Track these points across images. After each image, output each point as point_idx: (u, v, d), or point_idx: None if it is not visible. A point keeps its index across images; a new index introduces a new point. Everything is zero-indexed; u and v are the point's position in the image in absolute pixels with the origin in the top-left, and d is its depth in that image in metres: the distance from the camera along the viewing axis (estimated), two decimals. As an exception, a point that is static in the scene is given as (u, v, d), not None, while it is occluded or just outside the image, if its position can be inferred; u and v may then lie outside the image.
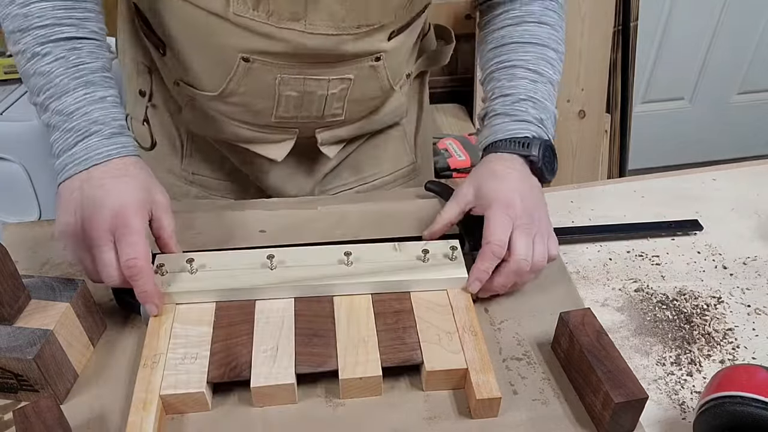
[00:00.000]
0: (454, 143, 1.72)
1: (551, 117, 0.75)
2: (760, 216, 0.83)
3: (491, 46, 0.79)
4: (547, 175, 0.73)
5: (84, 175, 0.62)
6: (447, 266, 0.67)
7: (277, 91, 0.76)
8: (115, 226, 0.59)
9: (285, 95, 0.77)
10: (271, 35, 0.70)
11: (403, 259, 0.67)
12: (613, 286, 0.73)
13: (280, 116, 0.80)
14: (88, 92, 0.63)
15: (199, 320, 0.63)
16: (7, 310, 0.57)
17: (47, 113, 0.63)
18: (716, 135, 2.47)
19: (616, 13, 1.81)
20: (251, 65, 0.73)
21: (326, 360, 0.59)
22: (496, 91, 0.76)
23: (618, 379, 0.55)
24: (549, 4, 0.79)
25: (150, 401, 0.55)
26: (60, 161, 0.63)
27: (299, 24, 0.70)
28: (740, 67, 2.31)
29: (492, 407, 0.57)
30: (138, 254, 0.59)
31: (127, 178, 0.62)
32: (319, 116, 0.81)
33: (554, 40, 0.78)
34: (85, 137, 0.62)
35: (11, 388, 0.58)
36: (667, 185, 0.89)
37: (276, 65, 0.74)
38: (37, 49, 0.62)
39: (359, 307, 0.64)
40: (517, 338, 0.65)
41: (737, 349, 0.65)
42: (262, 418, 0.58)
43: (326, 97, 0.79)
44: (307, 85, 0.76)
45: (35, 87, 0.63)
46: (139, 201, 0.61)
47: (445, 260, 0.67)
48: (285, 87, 0.76)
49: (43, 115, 0.64)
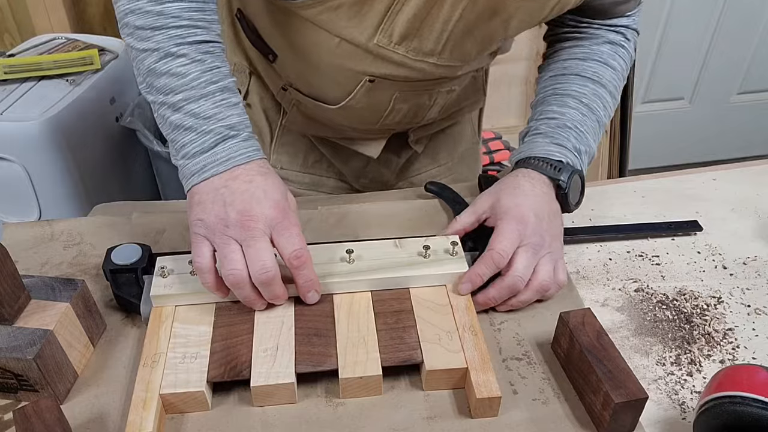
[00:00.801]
0: (454, 143, 1.72)
1: (589, 153, 0.75)
2: (760, 216, 0.83)
3: (551, 74, 0.80)
4: (571, 204, 0.73)
5: (228, 174, 0.61)
6: (448, 261, 0.67)
7: (391, 105, 0.80)
8: (276, 219, 0.60)
9: (397, 108, 0.81)
10: (405, 64, 0.73)
11: (404, 255, 0.68)
12: (613, 286, 0.73)
13: (385, 123, 0.84)
14: (224, 97, 0.63)
15: (199, 320, 0.63)
16: (7, 310, 0.57)
17: (179, 114, 0.62)
18: (716, 135, 2.47)
19: (616, 13, 1.81)
20: (374, 84, 0.76)
21: (326, 359, 0.59)
22: (544, 114, 0.76)
23: (618, 379, 0.55)
24: (619, 50, 0.80)
25: (150, 400, 0.55)
26: (197, 161, 0.62)
27: (433, 58, 0.73)
28: (740, 67, 2.31)
29: (492, 407, 0.57)
30: (303, 245, 0.60)
31: (270, 176, 0.63)
32: (419, 120, 0.87)
33: (614, 85, 0.78)
34: (226, 140, 0.62)
35: (11, 388, 0.58)
36: (667, 185, 0.89)
37: (397, 83, 0.77)
38: (172, 50, 0.62)
39: (359, 307, 0.64)
40: (517, 338, 0.65)
41: (737, 349, 0.65)
42: (262, 417, 0.58)
43: (431, 107, 0.84)
44: (421, 98, 0.81)
45: (166, 87, 0.62)
46: (286, 195, 0.63)
47: (446, 255, 0.68)
48: (400, 102, 0.80)
49: (173, 115, 0.62)
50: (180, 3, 0.62)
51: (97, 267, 0.73)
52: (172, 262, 0.66)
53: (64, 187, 1.48)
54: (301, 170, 0.97)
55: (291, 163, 0.96)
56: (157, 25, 0.62)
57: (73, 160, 1.46)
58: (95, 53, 1.55)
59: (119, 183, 1.67)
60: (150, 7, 0.62)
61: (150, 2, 0.62)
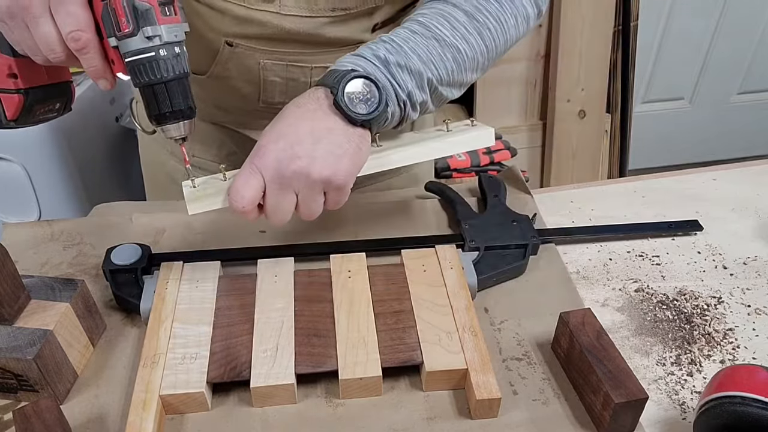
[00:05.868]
0: (454, 143, 1.72)
1: (413, 68, 0.61)
2: (760, 216, 0.83)
3: None
4: (349, 109, 0.58)
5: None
6: (471, 129, 0.68)
7: (261, 76, 0.77)
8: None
9: (269, 80, 0.78)
10: (248, 18, 0.71)
11: (426, 134, 0.68)
12: (613, 286, 0.72)
13: (266, 101, 0.81)
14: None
15: (199, 320, 0.63)
16: (7, 310, 0.57)
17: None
18: (716, 135, 2.47)
19: (616, 13, 1.81)
20: (234, 49, 0.74)
21: (326, 360, 0.59)
22: None
23: (618, 379, 0.54)
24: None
25: (149, 401, 0.55)
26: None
27: (273, 5, 0.70)
28: (740, 67, 2.31)
29: (492, 407, 0.57)
30: (80, 25, 0.53)
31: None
32: None
33: (472, 4, 0.65)
34: None
35: (11, 388, 0.58)
36: (667, 185, 0.89)
37: (258, 50, 0.75)
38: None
39: (359, 307, 0.64)
40: (517, 338, 0.65)
41: (737, 349, 0.65)
42: (262, 418, 0.57)
43: (309, 85, 0.79)
44: (290, 71, 0.77)
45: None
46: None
47: (466, 128, 0.68)
48: (268, 72, 0.77)
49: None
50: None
51: (97, 267, 0.73)
52: None
53: (64, 187, 1.48)
54: (215, 160, 0.93)
55: (205, 152, 0.93)
56: None
57: (73, 160, 1.46)
58: (95, 53, 1.55)
59: (119, 183, 1.67)
60: None
61: None
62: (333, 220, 0.80)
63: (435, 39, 0.62)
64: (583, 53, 1.82)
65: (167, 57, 0.56)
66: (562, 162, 1.96)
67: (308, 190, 0.58)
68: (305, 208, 0.59)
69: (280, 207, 0.58)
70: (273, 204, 0.58)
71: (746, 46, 2.25)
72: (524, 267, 0.72)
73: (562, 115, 1.89)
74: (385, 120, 0.61)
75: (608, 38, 1.83)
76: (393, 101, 0.61)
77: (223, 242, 0.75)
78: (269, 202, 0.58)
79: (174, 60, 0.57)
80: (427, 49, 0.62)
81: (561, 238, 0.77)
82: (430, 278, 0.68)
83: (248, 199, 0.57)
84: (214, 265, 0.69)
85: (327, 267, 0.69)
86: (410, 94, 0.62)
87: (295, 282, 0.67)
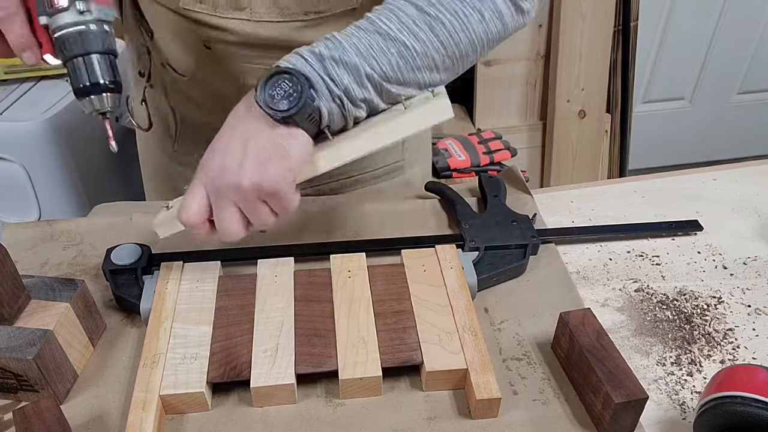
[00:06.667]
0: (454, 143, 1.72)
1: (350, 63, 0.58)
2: (760, 216, 0.83)
3: None
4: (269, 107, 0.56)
5: None
6: (426, 102, 0.61)
7: (241, 79, 0.78)
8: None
9: (250, 83, 0.78)
10: (222, 26, 0.72)
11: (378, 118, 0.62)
12: (613, 286, 0.72)
13: None
14: None
15: (199, 320, 0.63)
16: (7, 310, 0.57)
17: None
18: (716, 135, 2.47)
19: (616, 13, 1.81)
20: (213, 53, 0.75)
21: (326, 360, 0.59)
22: None
23: (618, 379, 0.54)
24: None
25: (149, 401, 0.55)
26: None
27: (245, 13, 0.70)
28: (740, 67, 2.31)
29: (492, 408, 0.57)
30: None
31: None
32: None
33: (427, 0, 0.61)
34: None
35: (11, 388, 0.58)
36: (667, 185, 0.89)
37: (237, 54, 0.75)
38: None
39: (359, 308, 0.64)
40: (517, 338, 0.65)
41: (737, 350, 0.65)
42: (262, 418, 0.57)
43: None
44: None
45: None
46: None
47: (426, 100, 0.61)
48: (248, 75, 0.77)
49: None
50: None
51: (97, 267, 0.73)
52: None
53: (64, 187, 1.48)
54: None
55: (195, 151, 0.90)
56: None
57: (73, 160, 1.46)
58: (95, 53, 1.55)
59: (119, 183, 1.67)
60: None
61: None
62: (333, 220, 0.80)
63: (378, 33, 0.59)
64: (583, 53, 1.82)
65: (97, 31, 0.58)
66: (562, 162, 1.96)
67: (244, 201, 0.57)
68: (253, 219, 0.59)
69: (224, 220, 0.58)
70: (217, 218, 0.59)
71: (746, 46, 2.26)
72: (524, 267, 0.72)
73: (562, 115, 1.89)
74: (316, 116, 0.58)
75: (608, 38, 1.83)
76: (326, 97, 0.57)
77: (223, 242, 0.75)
78: (214, 216, 0.59)
79: (103, 35, 0.58)
80: (369, 44, 0.59)
81: (561, 238, 0.77)
82: (430, 278, 0.68)
83: (192, 213, 0.58)
84: (214, 265, 0.69)
85: (327, 267, 0.69)
86: (347, 89, 0.58)
87: (295, 282, 0.67)
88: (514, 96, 1.93)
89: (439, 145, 1.71)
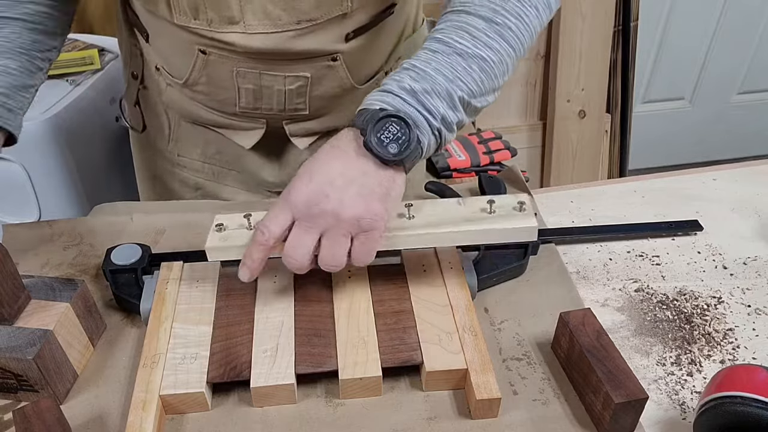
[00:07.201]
0: (454, 143, 1.72)
1: (442, 91, 0.59)
2: (760, 216, 0.83)
3: None
4: (380, 151, 0.56)
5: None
6: (515, 217, 0.63)
7: (236, 83, 0.79)
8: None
9: (244, 88, 0.79)
10: (217, 38, 0.73)
11: (466, 211, 0.64)
12: (613, 286, 0.72)
13: (243, 107, 0.82)
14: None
15: (199, 320, 0.63)
16: (7, 310, 0.57)
17: None
18: (716, 135, 2.47)
19: (616, 13, 1.81)
20: (209, 57, 0.76)
21: (326, 360, 0.59)
22: None
23: (618, 379, 0.54)
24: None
25: (149, 401, 0.55)
26: None
27: (239, 26, 0.72)
28: (740, 67, 2.31)
29: (492, 408, 0.57)
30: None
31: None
32: (281, 109, 0.83)
33: (490, 8, 0.62)
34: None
35: (11, 388, 0.58)
36: (667, 185, 0.89)
37: (231, 59, 0.76)
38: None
39: (359, 307, 0.64)
40: (517, 338, 0.65)
41: (737, 350, 0.65)
42: (262, 418, 0.57)
43: (285, 93, 0.80)
44: (263, 79, 0.78)
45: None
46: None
47: (513, 212, 0.64)
48: (242, 80, 0.78)
49: None
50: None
51: (97, 267, 0.73)
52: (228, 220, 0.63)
53: (64, 187, 1.48)
54: (200, 159, 0.94)
55: (191, 152, 0.94)
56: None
57: (73, 160, 1.46)
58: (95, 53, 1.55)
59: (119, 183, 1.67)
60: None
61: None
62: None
63: (457, 54, 0.60)
64: (583, 53, 1.82)
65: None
66: (562, 162, 1.96)
67: (334, 231, 0.57)
68: (328, 251, 0.57)
69: (301, 243, 0.57)
70: (294, 239, 0.57)
71: (746, 46, 2.25)
72: (524, 267, 0.72)
73: (562, 115, 1.89)
74: (419, 154, 0.59)
75: (608, 38, 1.83)
76: (426, 131, 0.59)
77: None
78: (291, 237, 0.58)
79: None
80: (452, 67, 0.60)
81: (561, 238, 0.77)
82: (430, 278, 0.67)
83: (273, 232, 0.57)
84: (214, 265, 0.69)
85: (327, 267, 0.69)
86: (444, 118, 0.60)
87: (295, 282, 0.67)
88: (514, 96, 1.93)
89: (439, 145, 1.71)
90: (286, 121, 0.85)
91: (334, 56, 0.77)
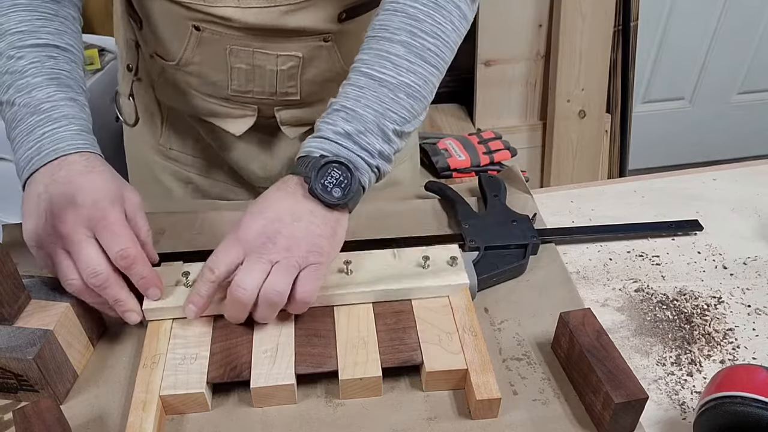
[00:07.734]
0: (454, 143, 1.72)
1: (374, 129, 0.62)
2: (760, 216, 0.83)
3: None
4: (324, 197, 0.59)
5: (48, 172, 0.61)
6: (448, 272, 0.66)
7: (228, 63, 0.78)
8: (94, 220, 0.58)
9: (236, 67, 0.79)
10: (212, 13, 0.73)
11: (402, 266, 0.67)
12: (613, 286, 0.73)
13: (235, 89, 0.82)
14: (60, 90, 0.63)
15: (199, 320, 0.63)
16: (7, 310, 0.57)
17: (13, 108, 0.62)
18: (716, 135, 2.47)
19: (616, 13, 1.81)
20: (202, 34, 0.76)
21: (326, 360, 0.59)
22: None
23: (618, 379, 0.54)
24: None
25: (149, 402, 0.55)
26: (25, 154, 0.62)
27: (233, 1, 0.72)
28: (740, 67, 2.31)
29: (492, 408, 0.57)
30: (128, 243, 0.58)
31: (95, 174, 0.61)
32: (272, 92, 0.83)
33: (408, 31, 0.63)
34: (54, 129, 0.61)
35: (11, 388, 0.58)
36: (667, 185, 0.89)
37: (226, 35, 0.76)
38: (11, 53, 0.63)
39: (359, 308, 0.64)
40: (517, 338, 0.65)
41: (737, 350, 0.65)
42: (262, 418, 0.58)
43: (277, 73, 0.80)
44: (256, 58, 0.78)
45: (3, 85, 0.63)
46: (113, 193, 0.60)
47: (446, 266, 0.66)
48: (235, 59, 0.78)
49: (8, 111, 0.63)
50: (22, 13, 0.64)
51: (97, 267, 0.73)
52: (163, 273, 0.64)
53: (64, 187, 1.47)
54: (192, 153, 0.95)
55: (182, 145, 0.95)
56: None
57: (73, 160, 1.46)
58: (95, 53, 1.55)
59: (119, 183, 1.67)
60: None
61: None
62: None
63: (382, 86, 0.62)
64: (583, 53, 1.82)
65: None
66: (562, 162, 1.96)
67: (285, 261, 0.58)
68: (276, 277, 0.57)
69: (253, 270, 0.57)
70: (246, 267, 0.58)
71: (746, 46, 2.26)
72: (524, 267, 0.72)
73: (562, 115, 1.89)
74: (361, 193, 0.63)
75: (608, 38, 1.83)
76: (366, 171, 0.62)
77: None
78: (243, 267, 0.58)
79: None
80: (380, 100, 0.62)
81: (561, 238, 0.77)
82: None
83: (224, 266, 0.58)
84: None
85: (327, 267, 0.69)
86: (381, 152, 0.63)
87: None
88: (514, 96, 1.93)
89: (439, 145, 1.71)
90: (277, 108, 0.86)
91: (327, 36, 0.78)
